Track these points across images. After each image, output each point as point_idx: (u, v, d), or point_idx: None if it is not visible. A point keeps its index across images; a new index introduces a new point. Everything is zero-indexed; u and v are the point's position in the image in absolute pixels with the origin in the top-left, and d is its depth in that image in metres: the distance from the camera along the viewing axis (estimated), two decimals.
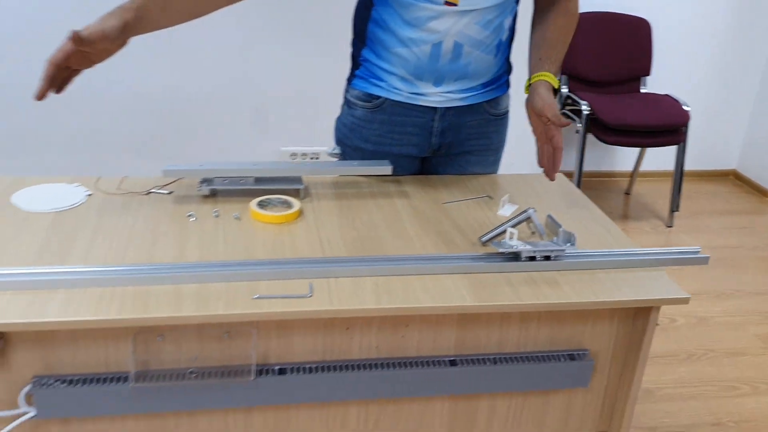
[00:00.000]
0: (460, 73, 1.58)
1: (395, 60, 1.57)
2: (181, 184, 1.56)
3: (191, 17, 1.41)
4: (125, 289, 1.16)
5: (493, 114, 1.69)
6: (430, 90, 1.60)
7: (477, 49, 1.55)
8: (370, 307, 1.18)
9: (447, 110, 1.63)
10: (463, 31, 1.51)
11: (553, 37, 1.59)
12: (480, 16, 1.50)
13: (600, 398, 1.43)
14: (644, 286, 1.30)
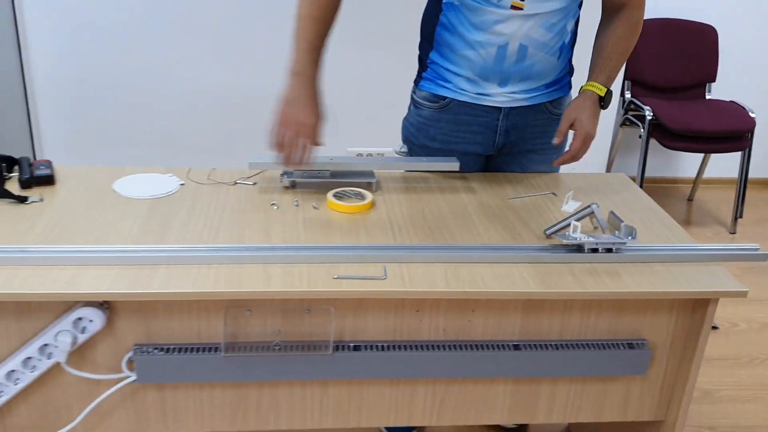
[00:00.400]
0: (525, 74, 1.66)
1: (462, 62, 1.66)
2: (264, 176, 1.69)
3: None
4: (219, 267, 1.28)
5: (555, 114, 1.76)
6: (495, 90, 1.68)
7: (541, 50, 1.62)
8: (441, 289, 1.27)
9: (511, 110, 1.71)
10: (528, 33, 1.58)
11: (612, 47, 1.66)
12: (544, 19, 1.58)
13: (657, 388, 1.48)
14: (703, 279, 1.35)
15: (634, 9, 1.65)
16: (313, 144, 1.52)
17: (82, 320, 1.25)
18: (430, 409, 1.44)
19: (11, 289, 1.19)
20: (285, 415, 1.42)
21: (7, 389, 1.29)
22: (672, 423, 1.49)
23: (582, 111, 1.61)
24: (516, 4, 1.54)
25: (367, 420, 1.44)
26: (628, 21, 1.66)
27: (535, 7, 1.55)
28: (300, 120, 1.50)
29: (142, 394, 1.36)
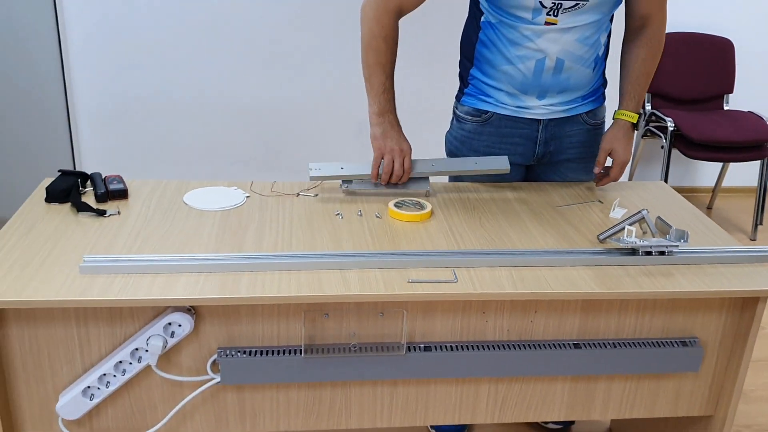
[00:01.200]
0: (562, 86, 1.74)
1: (502, 77, 1.75)
2: (323, 187, 1.77)
3: None
4: (299, 273, 1.36)
5: (591, 124, 1.84)
6: (534, 103, 1.77)
7: (577, 63, 1.71)
8: (508, 291, 1.35)
9: (550, 121, 1.80)
10: (564, 47, 1.67)
11: (638, 71, 1.77)
12: (579, 33, 1.66)
13: (707, 384, 1.55)
14: (752, 279, 1.43)
15: (655, 28, 1.75)
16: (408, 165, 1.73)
17: (171, 325, 1.33)
18: (492, 407, 1.52)
19: (109, 295, 1.27)
20: (356, 415, 1.49)
21: (98, 392, 1.37)
22: (722, 419, 1.56)
23: (617, 141, 1.75)
24: (550, 20, 1.63)
25: (434, 418, 1.51)
26: (650, 41, 1.76)
27: (569, 21, 1.64)
28: (396, 148, 1.72)
29: (223, 395, 1.43)
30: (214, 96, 3.08)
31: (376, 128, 1.72)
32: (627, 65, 1.79)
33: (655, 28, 1.76)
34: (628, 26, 1.79)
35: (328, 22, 3.01)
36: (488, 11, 1.69)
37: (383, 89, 1.71)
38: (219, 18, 2.96)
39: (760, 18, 3.58)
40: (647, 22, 1.75)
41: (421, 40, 3.04)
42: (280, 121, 3.15)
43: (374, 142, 1.73)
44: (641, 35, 1.76)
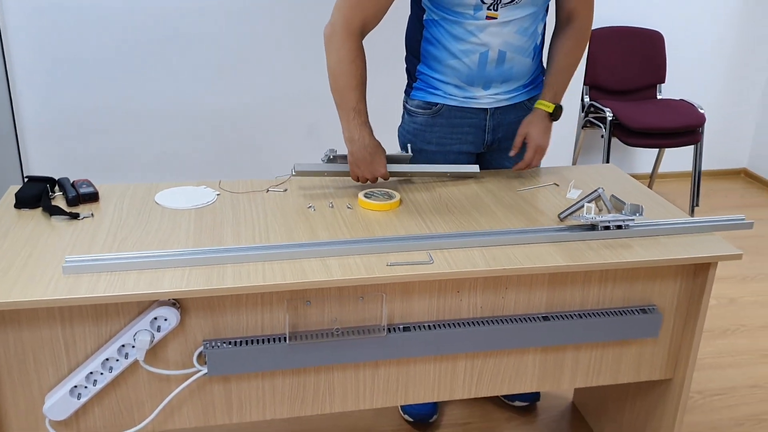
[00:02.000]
0: (505, 76, 1.84)
1: (448, 71, 1.83)
2: (292, 183, 1.81)
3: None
4: (282, 263, 1.40)
5: None
6: (480, 93, 1.86)
7: (518, 54, 1.80)
8: (481, 268, 1.42)
9: (496, 110, 1.89)
10: (505, 39, 1.77)
11: (559, 63, 1.86)
12: (518, 25, 1.76)
13: (666, 349, 1.66)
14: (703, 246, 1.54)
15: (580, 22, 1.85)
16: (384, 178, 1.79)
17: (157, 319, 1.36)
18: (469, 383, 1.59)
19: (97, 293, 1.28)
20: (339, 398, 1.54)
21: (86, 391, 1.38)
22: (680, 381, 1.67)
23: (532, 126, 1.83)
24: (490, 14, 1.72)
25: (414, 397, 1.57)
26: (575, 34, 1.86)
27: (509, 14, 1.73)
28: (371, 170, 1.75)
29: (209, 387, 1.46)
30: (162, 105, 3.08)
31: (349, 155, 1.74)
32: (552, 57, 1.89)
33: (580, 23, 1.85)
34: (557, 19, 1.89)
35: (275, 28, 3.05)
36: (430, 9, 1.77)
37: (354, 114, 1.71)
38: (167, 27, 2.96)
39: (688, 11, 3.79)
40: (573, 16, 1.85)
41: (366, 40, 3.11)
42: (230, 126, 3.17)
43: (351, 166, 1.76)
44: (567, 28, 1.86)
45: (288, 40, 3.07)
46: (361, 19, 1.69)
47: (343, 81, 1.71)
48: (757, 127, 4.15)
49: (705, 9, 3.81)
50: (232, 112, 3.14)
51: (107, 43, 2.93)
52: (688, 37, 3.83)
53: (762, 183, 4.15)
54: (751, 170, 4.23)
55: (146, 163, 3.15)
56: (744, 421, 2.17)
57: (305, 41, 3.10)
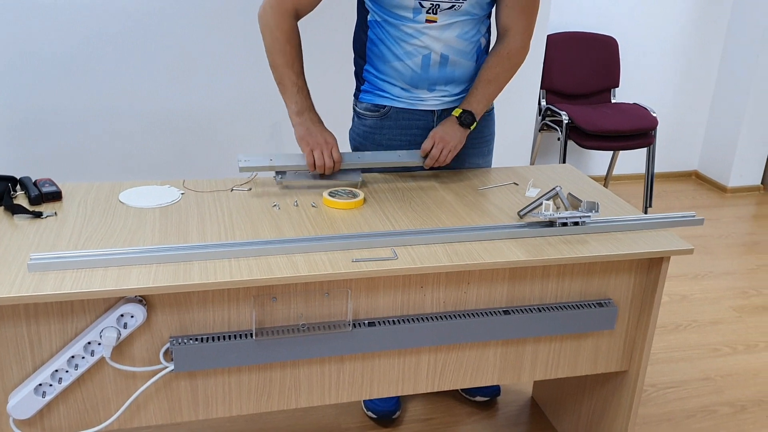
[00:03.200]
0: (448, 78, 1.88)
1: (393, 73, 1.87)
2: (257, 182, 1.83)
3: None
4: (248, 260, 1.42)
5: None
6: (426, 95, 1.90)
7: (460, 57, 1.85)
8: (445, 264, 1.46)
9: (443, 111, 1.93)
10: (447, 43, 1.81)
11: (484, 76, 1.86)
12: (458, 29, 1.81)
13: (622, 341, 1.72)
14: (656, 242, 1.60)
15: (511, 41, 1.85)
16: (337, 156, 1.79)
17: (124, 316, 1.36)
18: (432, 376, 1.62)
19: (63, 290, 1.28)
20: (305, 394, 1.56)
21: (50, 389, 1.37)
22: (635, 372, 1.74)
23: (443, 131, 1.83)
24: (430, 18, 1.77)
25: (379, 391, 1.60)
26: (502, 51, 1.86)
27: (448, 19, 1.78)
28: (322, 141, 1.78)
29: (176, 383, 1.47)
30: (124, 104, 3.06)
31: (298, 128, 1.79)
32: (480, 68, 1.88)
33: (510, 42, 1.85)
34: (497, 31, 1.91)
35: (236, 27, 3.06)
36: (373, 10, 1.82)
37: (297, 88, 1.77)
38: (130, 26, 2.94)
39: (642, 18, 3.91)
40: (506, 34, 1.87)
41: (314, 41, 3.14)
42: (192, 126, 3.16)
43: (300, 142, 1.79)
44: (498, 44, 1.88)
45: (251, 39, 3.08)
46: (291, 3, 1.75)
47: (280, 59, 1.76)
48: (706, 131, 4.29)
49: (658, 16, 3.94)
50: (196, 112, 3.14)
51: (69, 42, 2.90)
52: (641, 44, 3.95)
53: (712, 185, 4.29)
54: (701, 173, 4.37)
55: (109, 163, 3.12)
56: (695, 413, 2.25)
57: None
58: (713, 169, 4.28)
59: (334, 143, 1.80)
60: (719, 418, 2.23)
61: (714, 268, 3.25)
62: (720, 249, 3.46)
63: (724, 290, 3.04)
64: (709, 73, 4.16)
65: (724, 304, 2.92)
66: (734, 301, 2.95)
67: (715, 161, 4.26)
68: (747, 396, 2.34)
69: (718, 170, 4.24)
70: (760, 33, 3.85)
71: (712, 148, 4.27)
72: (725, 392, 2.36)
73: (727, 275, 3.18)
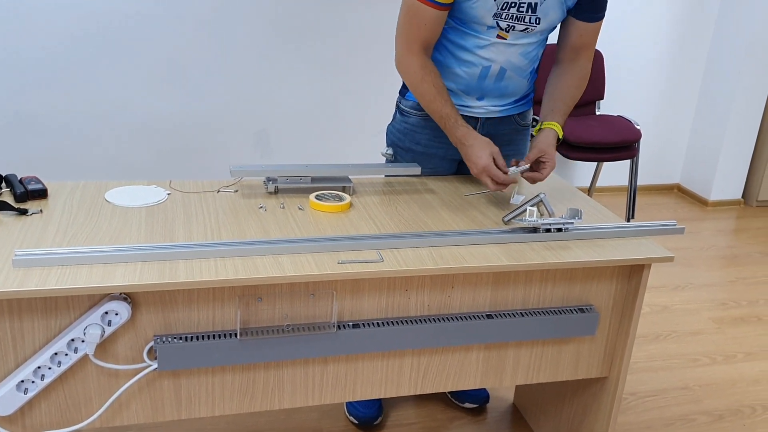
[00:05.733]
0: (501, 91, 1.92)
1: (449, 76, 1.89)
2: (243, 184, 1.84)
3: None
4: (234, 260, 1.43)
5: (521, 125, 2.03)
6: (474, 103, 1.93)
7: (516, 73, 1.89)
8: (430, 267, 1.47)
9: (486, 120, 1.96)
10: (509, 59, 1.85)
11: (567, 93, 1.92)
12: (523, 48, 1.84)
13: (603, 347, 1.74)
14: (638, 249, 1.63)
15: (585, 60, 1.93)
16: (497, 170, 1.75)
17: (108, 314, 1.36)
18: (415, 379, 1.63)
19: (48, 286, 1.28)
20: (288, 394, 1.56)
21: (32, 386, 1.37)
22: (615, 378, 1.76)
23: (550, 146, 1.84)
24: (501, 35, 1.80)
25: (362, 393, 1.61)
26: (579, 72, 1.93)
27: (517, 38, 1.81)
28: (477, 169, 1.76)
29: (159, 382, 1.47)
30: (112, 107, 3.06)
31: (466, 159, 1.80)
32: (557, 88, 1.92)
33: (585, 61, 1.92)
34: (560, 57, 1.94)
35: (225, 32, 3.07)
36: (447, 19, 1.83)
37: (447, 119, 1.80)
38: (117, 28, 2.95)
39: (627, 32, 3.97)
40: (579, 55, 1.91)
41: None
42: (179, 130, 3.17)
43: (472, 166, 1.78)
44: (572, 65, 1.92)
45: (239, 44, 3.10)
46: (418, 40, 1.78)
47: (426, 99, 1.81)
48: (689, 144, 4.35)
49: (643, 30, 4.00)
50: (183, 117, 3.15)
51: (58, 42, 2.90)
52: (626, 57, 4.01)
53: (693, 198, 4.34)
54: (683, 186, 4.43)
55: (94, 165, 3.12)
56: (674, 421, 2.27)
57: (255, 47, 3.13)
58: (695, 182, 4.34)
59: (486, 165, 1.74)
60: (697, 426, 2.25)
61: (694, 280, 3.29)
62: (700, 261, 3.50)
63: (704, 302, 3.08)
64: (692, 86, 4.22)
65: (703, 315, 2.96)
66: (714, 313, 2.99)
67: (697, 175, 4.32)
68: (725, 405, 2.37)
69: (700, 184, 4.30)
70: (744, 48, 3.91)
71: (695, 161, 4.33)
72: (703, 401, 2.39)
73: (707, 287, 3.22)
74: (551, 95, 1.94)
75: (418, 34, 1.77)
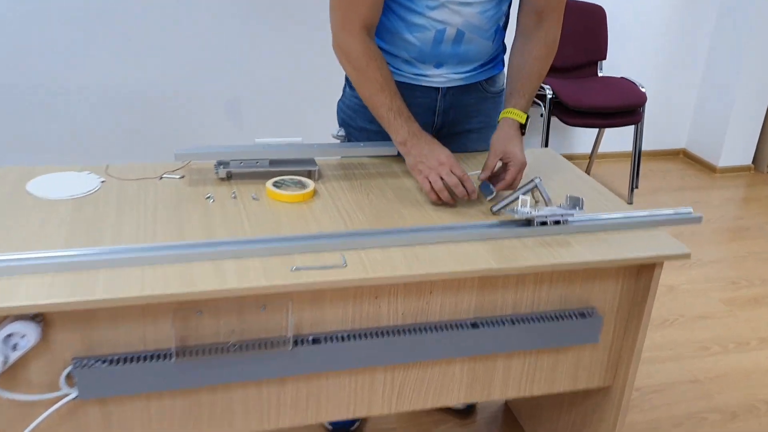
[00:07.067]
0: (461, 57, 1.65)
1: (400, 44, 1.62)
2: (191, 168, 1.59)
3: None
4: (165, 267, 1.19)
5: (490, 92, 1.76)
6: (431, 72, 1.66)
7: (478, 35, 1.61)
8: (403, 273, 1.24)
9: (448, 90, 1.70)
10: (466, 20, 1.57)
11: (531, 68, 1.63)
12: (480, 7, 1.57)
13: (606, 354, 1.52)
14: (648, 244, 1.39)
15: (551, 25, 1.63)
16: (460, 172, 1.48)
17: (12, 336, 1.13)
18: (389, 397, 1.41)
19: None
20: (240, 418, 1.34)
21: None
22: (620, 387, 1.54)
23: (509, 142, 1.56)
24: None
25: (327, 415, 1.39)
26: (545, 40, 1.64)
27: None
28: (434, 163, 1.49)
29: (83, 411, 1.25)
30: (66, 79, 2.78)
31: (408, 158, 1.53)
32: (518, 64, 1.64)
33: (551, 26, 1.63)
34: (522, 23, 1.66)
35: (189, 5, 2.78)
36: None
37: (392, 114, 1.52)
38: None
39: None
40: (542, 18, 1.63)
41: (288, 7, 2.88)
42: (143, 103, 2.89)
43: (413, 172, 1.53)
44: (536, 32, 1.64)
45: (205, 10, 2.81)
46: (358, 18, 1.50)
47: (370, 90, 1.53)
48: (696, 107, 4.08)
49: None
50: (146, 88, 2.86)
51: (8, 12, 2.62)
52: (630, 13, 3.71)
53: (700, 164, 4.09)
54: (690, 151, 4.17)
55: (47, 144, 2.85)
56: (683, 421, 2.07)
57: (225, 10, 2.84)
58: (702, 147, 4.08)
59: (448, 161, 1.50)
60: (709, 426, 2.05)
61: (702, 256, 3.06)
62: (708, 234, 3.27)
63: (713, 280, 2.85)
64: (701, 44, 3.93)
65: (713, 297, 2.74)
66: (724, 293, 2.77)
67: (705, 139, 4.06)
68: (737, 401, 2.16)
69: (708, 149, 4.04)
70: (755, 6, 3.62)
71: (702, 125, 4.06)
72: (715, 397, 2.18)
73: (715, 264, 2.99)
74: (511, 74, 1.65)
75: (357, 11, 1.50)
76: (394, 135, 1.54)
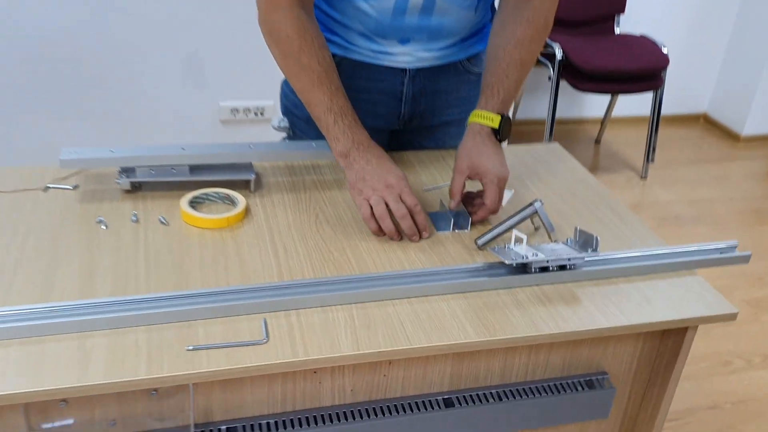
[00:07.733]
0: (432, 31, 1.26)
1: (352, 13, 1.24)
2: (89, 175, 1.23)
3: None
4: (10, 347, 0.85)
5: (474, 73, 1.38)
6: (395, 49, 1.29)
7: (453, 3, 1.23)
8: (346, 353, 0.90)
9: (417, 71, 1.32)
10: None
11: (510, 57, 1.22)
12: None
13: (617, 426, 1.19)
14: (681, 299, 1.05)
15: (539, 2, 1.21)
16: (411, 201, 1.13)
17: None
18: None
19: None
20: None
21: None
22: None
23: (478, 155, 1.18)
24: None
25: None
26: (533, 17, 1.22)
27: None
28: (380, 185, 1.13)
29: None
30: None
31: (349, 174, 1.16)
32: (497, 50, 1.24)
33: (540, 6, 1.22)
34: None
35: None
36: None
37: (333, 116, 1.15)
38: None
39: None
40: None
41: None
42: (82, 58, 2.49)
43: (352, 192, 1.17)
44: (521, 9, 1.22)
45: None
46: None
47: (300, 81, 1.16)
48: (721, 68, 3.67)
49: None
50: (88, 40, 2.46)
51: None
52: None
53: (721, 131, 3.71)
54: (711, 116, 3.78)
55: None
56: None
57: None
58: (726, 113, 3.69)
59: (398, 183, 1.14)
60: None
61: None
62: (728, 217, 2.92)
63: (735, 276, 2.52)
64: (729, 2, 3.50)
65: (735, 297, 2.41)
66: (748, 292, 2.44)
67: (729, 104, 3.66)
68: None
69: (731, 115, 3.65)
70: None
71: (726, 88, 3.66)
72: (737, 427, 1.87)
73: None
74: (490, 64, 1.25)
75: None
76: (334, 144, 1.16)
